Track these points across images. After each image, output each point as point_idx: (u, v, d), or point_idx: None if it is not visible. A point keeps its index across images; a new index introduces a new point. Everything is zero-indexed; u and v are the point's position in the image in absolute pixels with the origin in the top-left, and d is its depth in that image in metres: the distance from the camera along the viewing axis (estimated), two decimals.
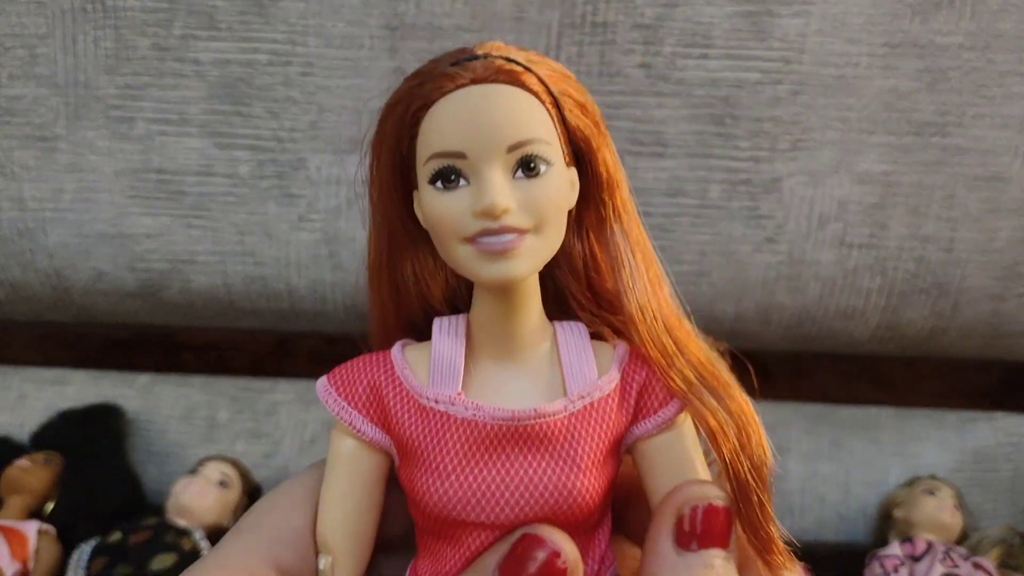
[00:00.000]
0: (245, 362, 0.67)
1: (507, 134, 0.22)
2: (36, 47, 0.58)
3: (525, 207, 0.23)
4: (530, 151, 0.23)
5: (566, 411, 0.24)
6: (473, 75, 0.23)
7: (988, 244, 0.59)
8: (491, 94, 0.23)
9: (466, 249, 0.23)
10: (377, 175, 0.26)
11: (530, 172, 0.23)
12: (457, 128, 0.22)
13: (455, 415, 0.24)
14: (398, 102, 0.24)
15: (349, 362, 0.26)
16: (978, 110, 0.56)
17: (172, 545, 0.50)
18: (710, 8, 0.55)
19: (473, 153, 0.22)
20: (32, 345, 0.69)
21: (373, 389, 0.25)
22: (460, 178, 0.23)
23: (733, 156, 0.58)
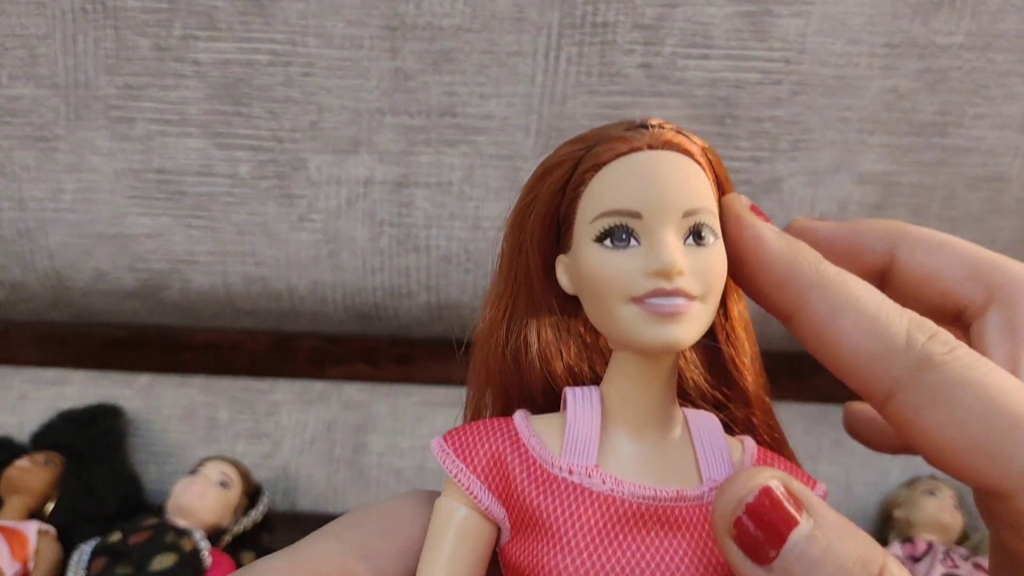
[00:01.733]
0: (245, 362, 0.67)
1: (683, 199, 0.22)
2: (36, 47, 0.58)
3: (695, 274, 0.22)
4: (702, 220, 0.23)
5: (703, 499, 0.23)
6: (649, 140, 0.23)
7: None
8: (667, 159, 0.23)
9: (631, 309, 0.22)
10: (518, 235, 0.25)
11: (700, 241, 0.23)
12: (633, 188, 0.22)
13: (591, 488, 0.23)
14: (559, 164, 0.24)
15: (467, 425, 0.25)
16: (978, 110, 0.56)
17: (172, 545, 0.50)
18: (710, 8, 0.55)
19: (649, 213, 0.22)
20: (32, 345, 0.69)
21: (494, 456, 0.24)
22: (631, 238, 0.22)
23: (733, 156, 0.58)
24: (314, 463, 0.65)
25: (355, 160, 0.59)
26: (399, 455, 0.65)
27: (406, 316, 0.65)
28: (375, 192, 0.60)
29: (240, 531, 0.55)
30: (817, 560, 0.18)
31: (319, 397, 0.67)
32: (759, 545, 0.19)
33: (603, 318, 0.23)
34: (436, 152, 0.59)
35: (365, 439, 0.65)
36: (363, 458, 0.65)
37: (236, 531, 0.54)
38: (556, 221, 0.24)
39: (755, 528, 0.19)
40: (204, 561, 0.50)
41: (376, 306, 0.64)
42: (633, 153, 0.23)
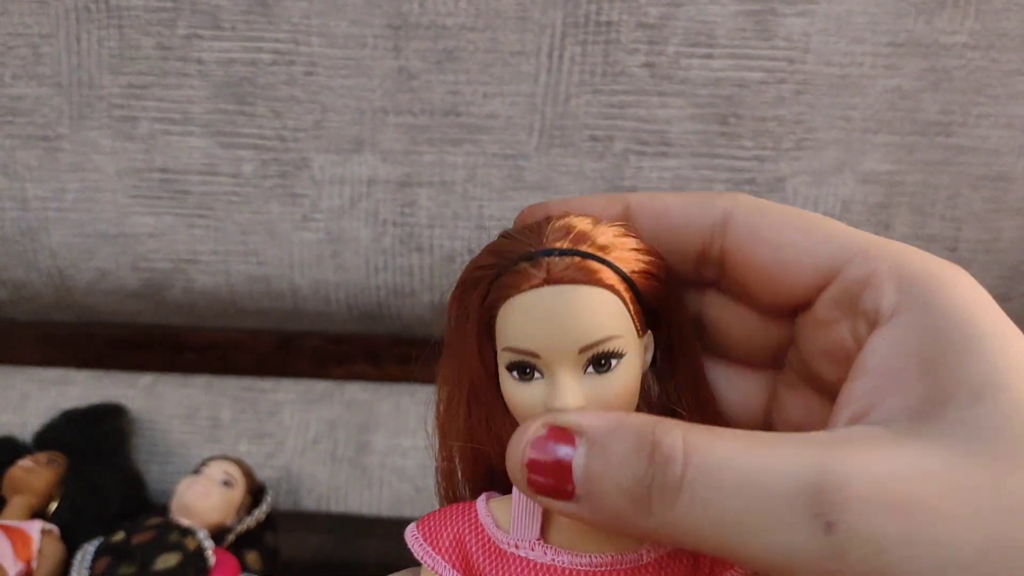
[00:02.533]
0: (248, 362, 0.67)
1: (579, 338, 0.23)
2: (39, 46, 0.58)
3: (596, 402, 0.23)
4: (601, 350, 0.23)
5: (642, 560, 0.24)
6: (547, 275, 0.23)
7: (992, 244, 0.59)
8: (563, 296, 0.23)
9: None
10: (459, 332, 0.26)
11: (601, 368, 0.23)
12: (530, 329, 0.23)
13: (535, 560, 0.25)
14: (477, 280, 0.25)
15: (436, 511, 0.27)
16: (982, 109, 0.56)
17: (176, 545, 0.50)
18: (714, 7, 0.55)
19: (546, 355, 0.23)
20: (35, 345, 0.69)
21: (456, 539, 0.26)
22: (535, 371, 0.24)
23: (737, 155, 0.58)
24: (317, 462, 0.65)
25: (358, 159, 0.59)
26: (402, 455, 0.65)
27: (409, 316, 0.65)
28: (378, 191, 0.60)
29: (244, 530, 0.55)
30: (603, 470, 0.20)
31: (322, 397, 0.67)
32: (556, 489, 0.21)
33: None
34: (439, 151, 0.59)
35: (368, 438, 0.65)
36: (366, 457, 0.65)
37: (240, 530, 0.54)
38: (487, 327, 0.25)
39: (544, 479, 0.21)
40: (208, 560, 0.50)
41: (379, 305, 0.64)
42: (532, 290, 0.23)
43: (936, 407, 0.19)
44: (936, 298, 0.21)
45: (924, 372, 0.20)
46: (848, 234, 0.23)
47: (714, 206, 0.25)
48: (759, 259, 0.24)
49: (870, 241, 0.23)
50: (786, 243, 0.23)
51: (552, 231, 0.24)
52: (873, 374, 0.21)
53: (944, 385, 0.19)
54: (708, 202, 0.25)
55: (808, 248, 0.23)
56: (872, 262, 0.22)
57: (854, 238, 0.23)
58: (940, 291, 0.21)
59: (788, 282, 0.24)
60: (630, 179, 0.58)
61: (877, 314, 0.21)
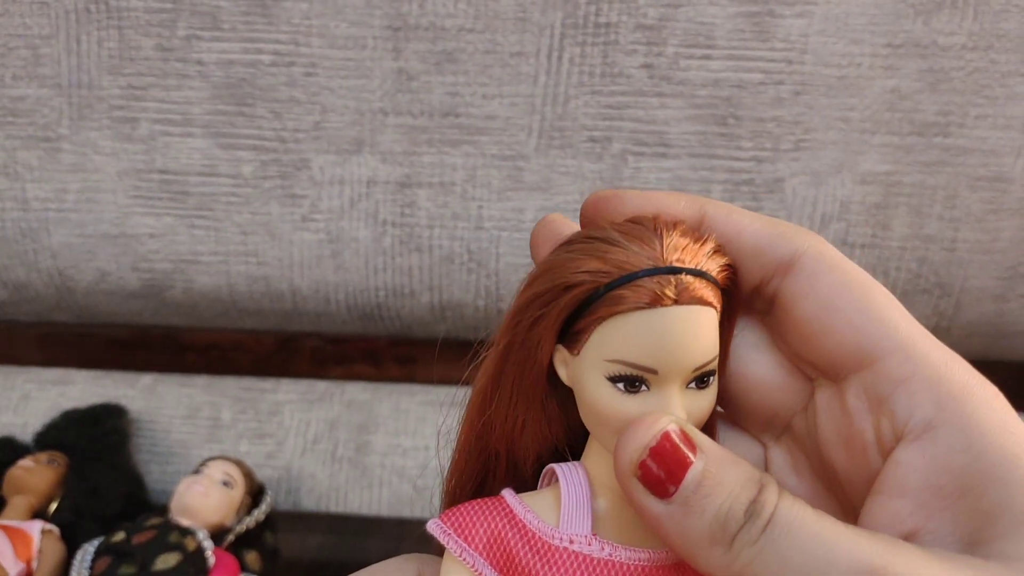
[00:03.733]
0: (248, 362, 0.68)
1: (697, 359, 0.23)
2: (40, 48, 0.58)
3: (693, 416, 0.24)
4: (708, 369, 0.24)
5: None
6: (677, 296, 0.23)
7: (991, 244, 0.59)
8: (691, 317, 0.23)
9: None
10: (530, 330, 0.25)
11: (702, 385, 0.24)
12: (653, 347, 0.23)
13: (591, 555, 0.24)
14: (579, 283, 0.24)
15: (461, 506, 0.26)
16: (980, 110, 0.56)
17: (176, 545, 0.50)
18: (712, 9, 0.55)
19: (665, 372, 0.23)
20: (35, 345, 0.69)
21: (493, 534, 0.25)
22: (643, 385, 0.23)
23: (736, 156, 0.58)
24: (317, 463, 0.65)
25: (358, 160, 0.59)
26: (402, 455, 0.65)
27: (409, 316, 0.65)
28: (378, 192, 0.60)
29: (243, 530, 0.55)
30: (709, 493, 0.21)
31: (322, 397, 0.67)
32: (661, 482, 0.21)
33: (598, 435, 0.25)
34: (439, 152, 0.59)
35: (368, 439, 0.65)
36: (366, 458, 0.65)
37: (239, 530, 0.54)
38: (567, 327, 0.25)
39: (657, 468, 0.21)
40: (208, 560, 0.50)
41: (379, 306, 0.64)
42: (660, 308, 0.23)
43: (983, 534, 0.20)
44: (976, 418, 0.21)
45: (968, 496, 0.20)
46: (899, 325, 0.23)
47: (788, 244, 0.24)
48: (807, 314, 0.24)
49: (917, 339, 0.22)
50: (837, 308, 0.23)
51: (670, 246, 0.24)
52: (915, 493, 0.21)
53: (990, 511, 0.20)
54: (782, 239, 0.24)
55: (857, 323, 0.23)
56: (913, 364, 0.22)
57: (904, 331, 0.22)
58: (979, 410, 0.21)
59: (826, 349, 0.23)
60: (628, 180, 0.58)
61: (908, 422, 0.21)
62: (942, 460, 0.21)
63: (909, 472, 0.21)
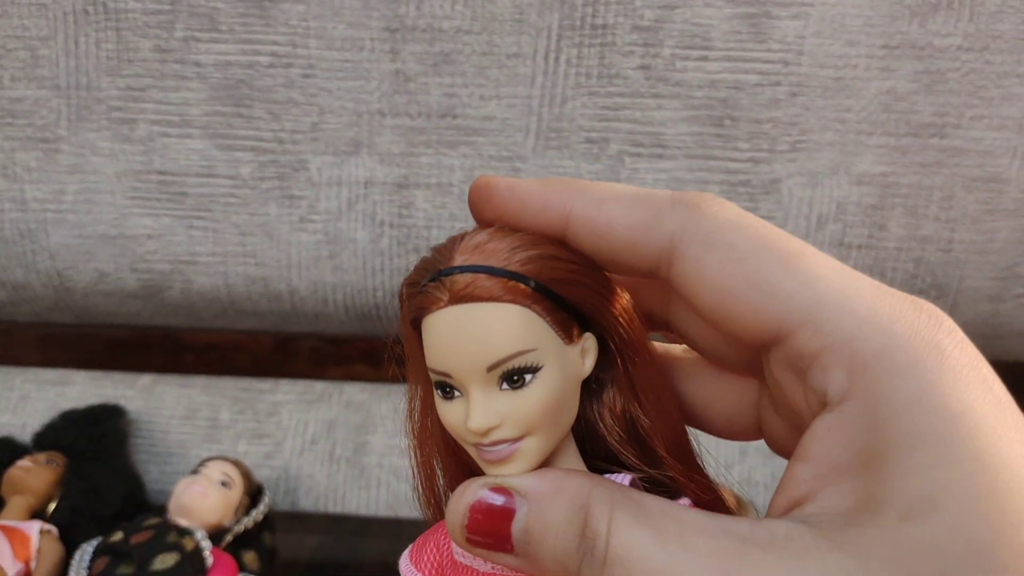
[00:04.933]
0: (246, 363, 0.68)
1: (484, 357, 0.22)
2: (38, 49, 0.58)
3: (512, 419, 0.23)
4: (511, 366, 0.22)
5: None
6: (449, 295, 0.23)
7: (986, 245, 0.59)
8: (464, 316, 0.23)
9: (473, 450, 0.24)
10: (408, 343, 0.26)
11: (515, 384, 0.23)
12: (441, 350, 0.23)
13: (478, 568, 0.25)
14: (406, 299, 0.25)
15: (420, 536, 0.27)
16: (976, 111, 0.56)
17: (174, 545, 0.50)
18: (709, 10, 0.55)
19: (457, 375, 0.23)
20: (34, 346, 0.69)
21: (437, 549, 0.26)
22: (455, 390, 0.23)
23: (732, 157, 0.58)
24: (315, 463, 0.65)
25: (356, 161, 0.59)
26: (400, 455, 0.65)
27: None
28: (376, 193, 0.60)
29: (242, 530, 0.55)
30: (540, 532, 0.21)
31: (320, 397, 0.67)
32: (495, 547, 0.22)
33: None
34: (436, 153, 0.59)
35: (366, 439, 0.65)
36: (364, 458, 0.65)
37: (238, 531, 0.55)
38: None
39: (484, 538, 0.22)
40: (206, 560, 0.50)
41: (377, 307, 0.64)
42: (437, 311, 0.23)
43: (866, 515, 0.18)
44: (886, 392, 0.19)
45: (862, 473, 0.19)
46: (803, 291, 0.20)
47: (660, 231, 0.22)
48: (702, 304, 0.22)
49: (822, 306, 0.20)
50: (729, 293, 0.21)
51: (463, 247, 0.23)
52: (814, 463, 0.20)
53: (879, 492, 0.18)
54: (655, 225, 0.22)
55: (755, 304, 0.21)
56: (823, 336, 0.20)
57: (808, 298, 0.20)
58: (892, 382, 0.19)
59: (735, 332, 0.22)
60: (626, 180, 0.58)
61: (826, 394, 0.20)
62: (844, 435, 0.20)
63: (813, 441, 0.20)
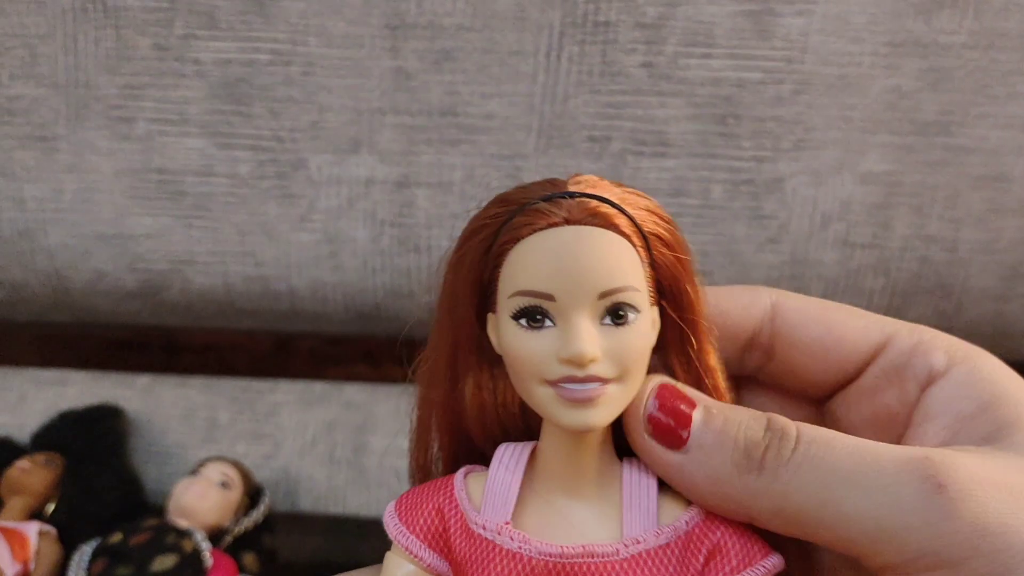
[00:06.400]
0: (246, 363, 0.67)
1: (600, 281, 0.22)
2: (36, 47, 0.58)
3: (611, 356, 0.22)
4: (620, 299, 0.22)
5: (617, 555, 0.23)
6: (568, 214, 0.22)
7: (992, 244, 0.59)
8: (585, 237, 0.22)
9: (546, 391, 0.22)
10: (452, 289, 0.25)
11: (619, 320, 0.22)
12: (548, 269, 0.22)
13: (501, 545, 0.23)
14: (484, 227, 0.24)
15: (416, 487, 0.26)
16: (982, 109, 0.56)
17: (173, 546, 0.50)
18: (712, 7, 0.54)
19: (562, 297, 0.22)
20: (32, 346, 0.68)
21: (437, 513, 0.25)
22: (547, 319, 0.22)
23: (735, 156, 0.57)
24: (315, 464, 0.64)
25: (356, 160, 0.59)
26: (400, 455, 0.64)
27: (407, 316, 0.64)
28: (376, 192, 0.60)
29: (241, 532, 0.55)
30: (720, 428, 0.22)
31: (320, 398, 0.67)
32: (672, 431, 0.22)
33: (521, 391, 0.24)
34: (437, 152, 0.59)
35: (366, 440, 0.65)
36: (364, 459, 0.65)
37: (237, 532, 0.54)
38: (483, 281, 0.24)
39: (665, 417, 0.23)
40: (205, 562, 0.50)
41: (377, 306, 0.64)
42: (550, 229, 0.22)
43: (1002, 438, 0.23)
44: (982, 361, 0.25)
45: (984, 412, 0.24)
46: (886, 318, 0.27)
47: (763, 294, 0.27)
48: (811, 336, 0.26)
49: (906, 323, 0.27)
50: (835, 323, 0.26)
51: (577, 179, 0.24)
52: (940, 417, 0.24)
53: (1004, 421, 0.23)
54: (755, 291, 0.27)
55: (857, 326, 0.26)
56: (918, 334, 0.26)
57: (893, 321, 0.26)
58: (983, 357, 0.26)
59: (840, 356, 0.26)
60: (628, 179, 0.58)
61: (930, 373, 0.25)
62: (960, 390, 0.24)
63: (932, 404, 0.24)
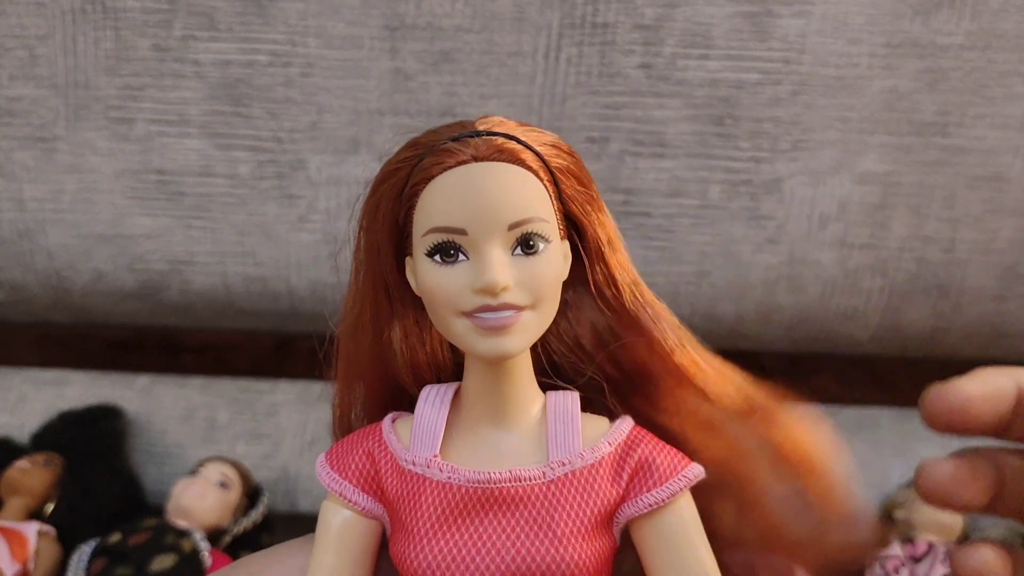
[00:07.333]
0: (245, 363, 0.67)
1: (508, 213, 0.23)
2: (36, 48, 0.58)
3: (523, 284, 0.23)
4: (529, 229, 0.23)
5: (544, 477, 0.24)
6: (475, 152, 0.23)
7: (989, 244, 0.59)
8: (492, 172, 0.23)
9: (463, 323, 0.23)
10: (368, 237, 0.25)
11: (529, 250, 0.23)
12: (458, 204, 0.23)
13: (431, 477, 0.24)
14: (396, 171, 0.24)
15: (344, 439, 0.27)
16: (979, 110, 0.56)
17: (172, 546, 0.50)
18: (710, 9, 0.54)
19: (473, 230, 0.23)
20: (32, 346, 0.68)
21: (368, 458, 0.26)
22: (459, 253, 0.23)
23: (733, 156, 0.58)
24: (314, 464, 0.64)
25: (355, 160, 0.59)
26: None
27: None
28: None
29: (240, 532, 0.55)
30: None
31: (319, 398, 0.67)
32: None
33: (440, 327, 0.24)
34: None
35: None
36: None
37: (236, 532, 0.54)
38: (399, 225, 0.24)
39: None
40: (204, 562, 0.50)
41: None
42: (459, 167, 0.23)
43: None
44: None
45: None
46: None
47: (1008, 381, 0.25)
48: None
49: None
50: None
51: (484, 119, 0.24)
52: None
53: None
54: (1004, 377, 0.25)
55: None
56: None
57: None
58: None
59: None
60: (627, 180, 0.58)
61: None
62: None
63: None
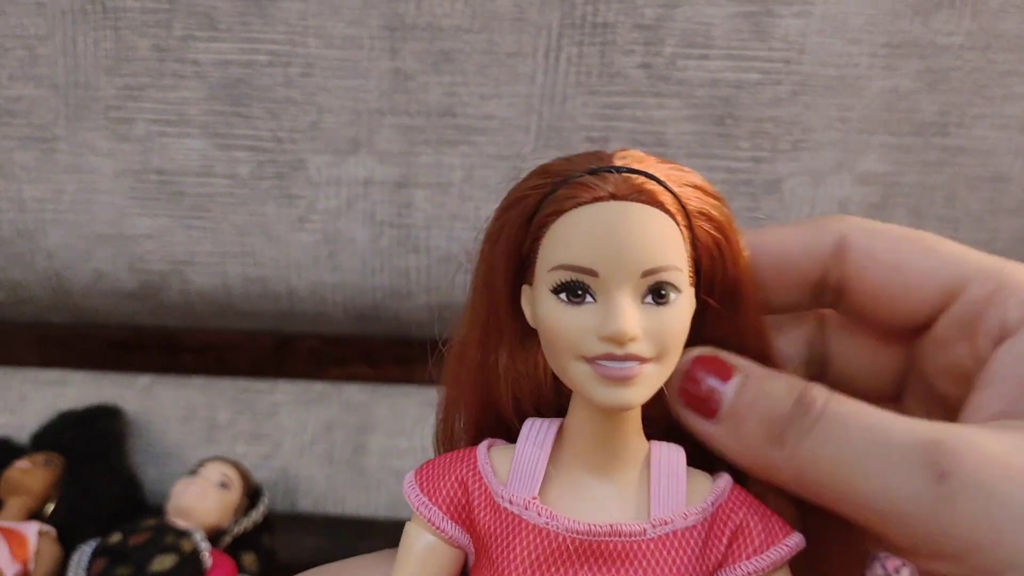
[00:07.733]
0: (245, 363, 0.67)
1: (643, 259, 0.21)
2: (36, 48, 0.58)
3: (651, 336, 0.22)
4: (663, 278, 0.22)
5: (645, 535, 0.22)
6: (613, 189, 0.22)
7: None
8: (630, 213, 0.22)
9: (583, 368, 0.22)
10: (489, 259, 0.24)
11: (660, 300, 0.22)
12: (591, 244, 0.21)
13: (528, 520, 0.23)
14: (523, 198, 0.23)
15: (438, 457, 0.25)
16: (979, 110, 0.56)
17: (172, 546, 0.50)
18: (710, 8, 0.54)
19: (605, 273, 0.21)
20: (32, 346, 0.68)
21: (460, 485, 0.24)
22: (587, 294, 0.22)
23: (734, 156, 0.58)
24: (314, 464, 0.64)
25: (355, 160, 0.59)
26: (399, 456, 0.65)
27: (406, 317, 0.64)
28: (375, 193, 0.60)
29: (240, 532, 0.55)
30: (751, 400, 0.22)
31: (319, 398, 0.67)
32: (703, 402, 0.23)
33: (555, 366, 0.23)
34: (436, 152, 0.59)
35: (365, 440, 0.65)
36: (363, 459, 0.65)
37: (236, 532, 0.54)
38: (521, 252, 0.23)
39: (695, 389, 0.23)
40: (204, 562, 0.50)
41: (376, 307, 0.64)
42: (595, 203, 0.22)
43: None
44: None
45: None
46: (965, 254, 0.24)
47: (827, 232, 0.25)
48: (879, 281, 0.24)
49: (987, 260, 0.23)
50: (905, 264, 0.24)
51: (622, 154, 0.23)
52: (1001, 382, 0.22)
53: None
54: (821, 228, 0.25)
55: (928, 268, 0.24)
56: (994, 280, 0.23)
57: (972, 258, 0.24)
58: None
59: (910, 303, 0.24)
60: None
61: (1003, 329, 0.23)
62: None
63: (996, 367, 0.22)
